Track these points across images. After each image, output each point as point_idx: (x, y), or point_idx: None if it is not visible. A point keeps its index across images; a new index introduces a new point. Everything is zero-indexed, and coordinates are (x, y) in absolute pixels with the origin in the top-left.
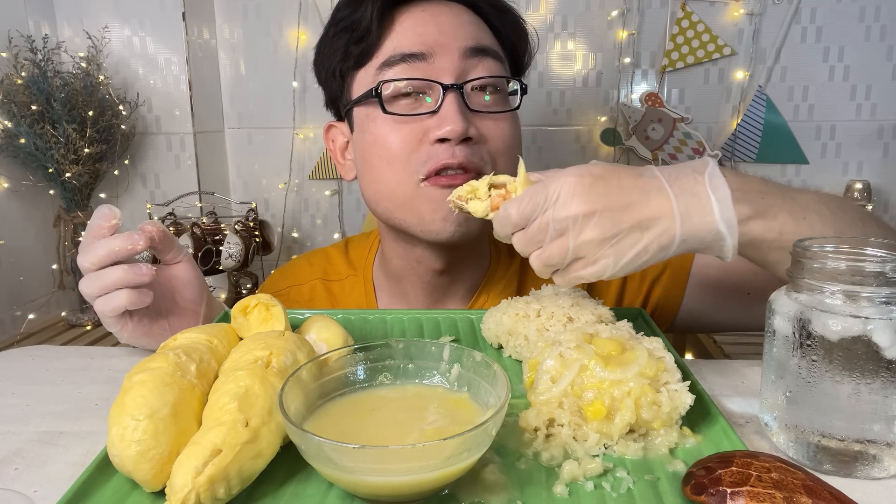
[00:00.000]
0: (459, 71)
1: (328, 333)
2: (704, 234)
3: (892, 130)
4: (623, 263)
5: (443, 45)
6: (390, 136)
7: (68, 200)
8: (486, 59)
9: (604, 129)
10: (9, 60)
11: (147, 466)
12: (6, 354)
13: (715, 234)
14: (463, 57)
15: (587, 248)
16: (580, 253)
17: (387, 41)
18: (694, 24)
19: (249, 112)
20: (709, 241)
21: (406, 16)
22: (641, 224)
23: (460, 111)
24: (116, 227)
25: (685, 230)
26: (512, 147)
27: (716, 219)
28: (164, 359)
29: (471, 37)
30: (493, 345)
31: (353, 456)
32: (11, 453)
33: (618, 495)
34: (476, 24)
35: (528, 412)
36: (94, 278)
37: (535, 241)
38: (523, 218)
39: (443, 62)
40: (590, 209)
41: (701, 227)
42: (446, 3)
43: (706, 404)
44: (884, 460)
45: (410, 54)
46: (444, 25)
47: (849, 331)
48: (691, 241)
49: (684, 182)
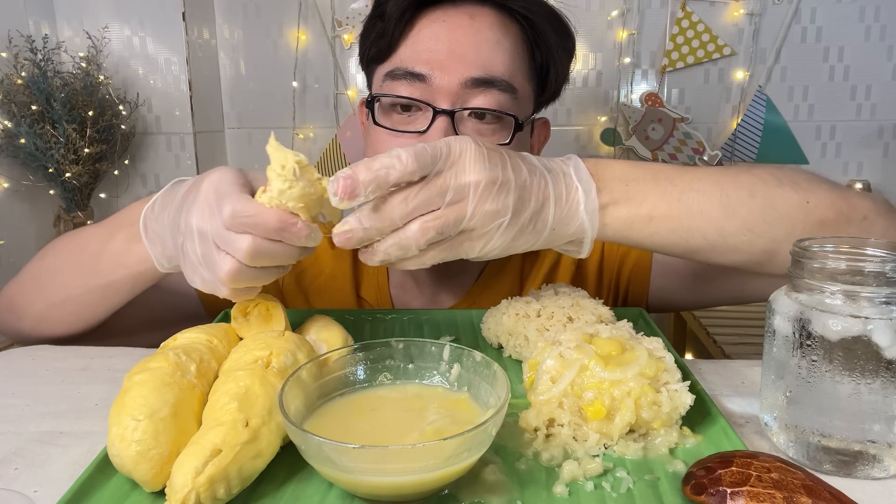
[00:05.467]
0: (456, 97)
1: (328, 333)
2: (570, 222)
3: (892, 130)
4: (511, 243)
5: (446, 69)
6: (381, 145)
7: (68, 200)
8: (491, 90)
9: (604, 129)
10: (9, 60)
11: (147, 466)
12: (6, 354)
13: (579, 225)
14: (464, 85)
15: (483, 220)
16: (473, 224)
17: (402, 47)
18: (694, 24)
19: (249, 112)
20: (572, 230)
21: (426, 22)
22: (537, 204)
23: (444, 136)
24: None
25: (557, 217)
26: None
27: (581, 209)
28: (164, 359)
29: (481, 63)
30: (493, 345)
31: (353, 456)
32: (11, 453)
33: (618, 495)
34: (496, 42)
35: (528, 412)
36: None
37: (430, 202)
38: (420, 168)
39: (442, 85)
40: (493, 178)
41: (568, 216)
42: (472, 11)
43: (706, 404)
44: (884, 460)
45: (412, 73)
46: (457, 44)
47: (849, 331)
48: (559, 230)
49: (555, 170)
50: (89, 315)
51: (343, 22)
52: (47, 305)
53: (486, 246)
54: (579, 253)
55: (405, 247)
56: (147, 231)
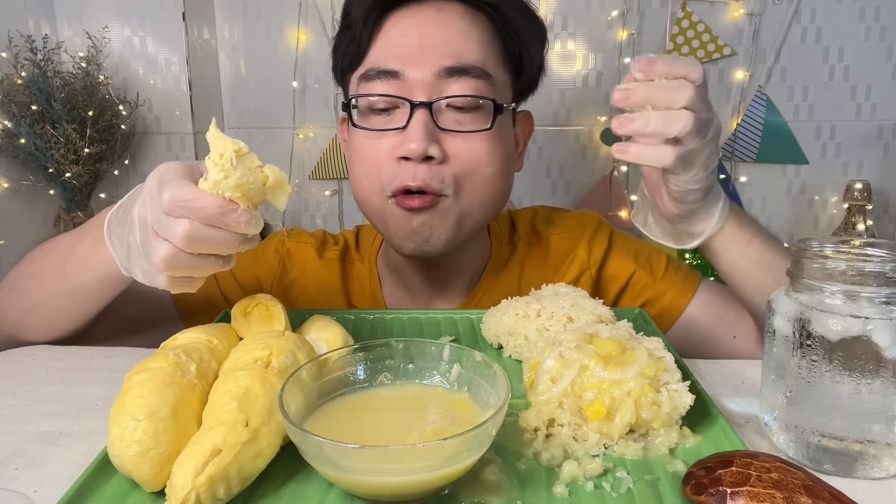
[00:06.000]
0: (431, 88)
1: (328, 333)
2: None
3: (892, 130)
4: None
5: (419, 61)
6: (363, 150)
7: (68, 200)
8: (465, 77)
9: (604, 129)
10: (9, 60)
11: (147, 466)
12: (6, 354)
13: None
14: (438, 75)
15: (701, 149)
16: (701, 148)
17: (372, 49)
18: (694, 24)
19: (249, 112)
20: (702, 220)
21: (393, 21)
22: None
23: (425, 129)
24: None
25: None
26: (483, 167)
27: (719, 206)
28: (164, 359)
29: (452, 53)
30: (493, 345)
31: (353, 456)
32: (11, 453)
33: (618, 495)
34: (466, 31)
35: (528, 412)
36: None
37: (703, 103)
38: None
39: (416, 78)
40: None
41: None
42: (439, 5)
43: (706, 404)
44: (884, 460)
45: (385, 71)
46: (427, 37)
47: (849, 331)
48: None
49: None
50: (60, 321)
51: None
52: (21, 311)
53: (688, 172)
54: (687, 242)
55: (670, 123)
56: (111, 235)
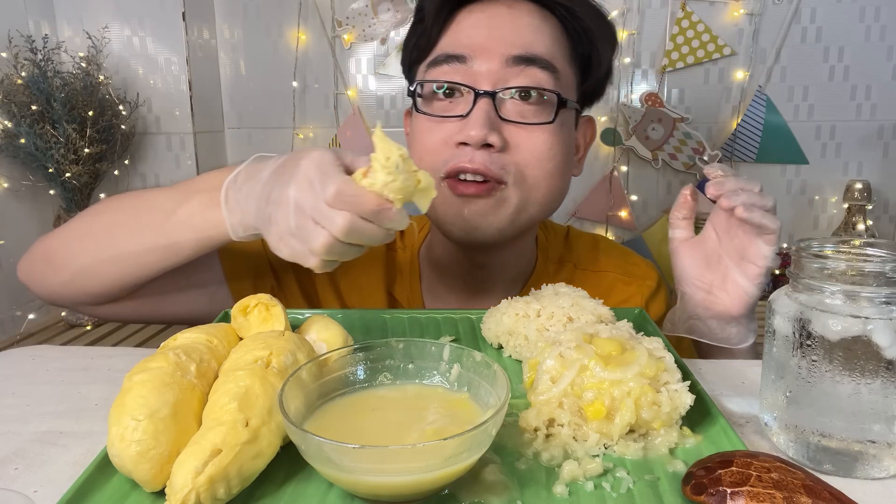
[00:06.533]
0: (497, 77)
1: (328, 333)
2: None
3: (892, 130)
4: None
5: (486, 50)
6: (424, 134)
7: (68, 200)
8: (531, 67)
9: (604, 129)
10: (9, 60)
11: (147, 466)
12: (6, 354)
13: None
14: (505, 64)
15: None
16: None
17: (442, 40)
18: (694, 24)
19: (249, 112)
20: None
21: (465, 14)
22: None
23: (486, 118)
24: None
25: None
26: (544, 160)
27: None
28: (164, 359)
29: (521, 44)
30: (493, 345)
31: (353, 456)
32: (11, 453)
33: (618, 495)
34: (536, 27)
35: (528, 412)
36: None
37: (764, 199)
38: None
39: (482, 67)
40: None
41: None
42: (511, 3)
43: (706, 404)
44: (884, 460)
45: (452, 55)
46: (497, 29)
47: (849, 331)
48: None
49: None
50: (137, 273)
51: (343, 22)
52: (96, 260)
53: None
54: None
55: (752, 204)
56: (228, 200)
